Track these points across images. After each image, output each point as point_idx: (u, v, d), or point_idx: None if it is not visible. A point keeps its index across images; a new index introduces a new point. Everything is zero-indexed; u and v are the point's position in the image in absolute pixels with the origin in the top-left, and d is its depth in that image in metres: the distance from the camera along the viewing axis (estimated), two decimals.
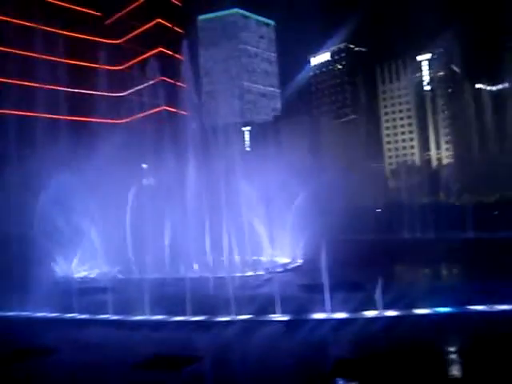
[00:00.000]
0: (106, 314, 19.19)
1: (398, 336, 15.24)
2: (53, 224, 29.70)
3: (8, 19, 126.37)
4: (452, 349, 14.23)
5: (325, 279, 17.81)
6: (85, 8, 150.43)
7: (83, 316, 19.53)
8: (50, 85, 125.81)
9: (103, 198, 32.45)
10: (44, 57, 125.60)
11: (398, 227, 34.70)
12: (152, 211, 31.73)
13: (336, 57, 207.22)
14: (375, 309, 17.32)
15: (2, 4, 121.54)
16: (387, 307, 17.25)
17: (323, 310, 17.46)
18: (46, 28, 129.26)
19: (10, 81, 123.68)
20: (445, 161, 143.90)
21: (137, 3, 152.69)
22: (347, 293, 18.27)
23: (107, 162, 33.86)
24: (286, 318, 17.51)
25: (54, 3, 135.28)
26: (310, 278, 22.42)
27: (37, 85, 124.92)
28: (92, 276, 31.49)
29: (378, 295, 17.44)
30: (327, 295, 17.66)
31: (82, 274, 31.93)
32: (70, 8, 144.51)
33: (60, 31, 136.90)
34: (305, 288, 22.20)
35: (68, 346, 16.05)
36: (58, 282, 24.61)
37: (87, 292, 22.25)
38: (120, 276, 29.26)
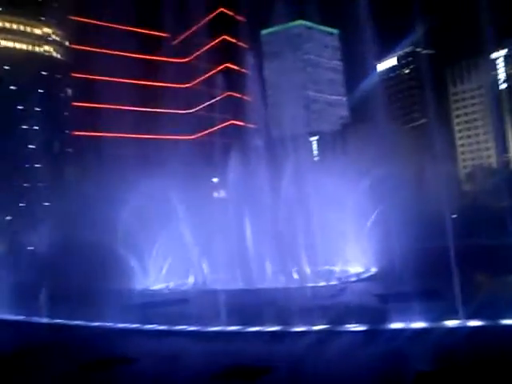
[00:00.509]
0: (183, 325, 19.63)
1: (481, 347, 14.48)
2: (132, 237, 30.87)
3: (84, 48, 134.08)
4: None
5: (401, 288, 17.31)
6: (153, 30, 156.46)
7: (161, 327, 20.08)
8: (124, 106, 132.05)
9: (177, 211, 33.33)
10: (117, 80, 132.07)
11: (475, 233, 33.15)
12: (224, 224, 32.18)
13: (403, 61, 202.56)
14: (456, 318, 16.59)
15: (79, 35, 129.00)
16: (469, 317, 16.48)
17: (401, 320, 16.94)
18: (118, 53, 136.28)
19: (87, 105, 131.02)
20: None
21: (202, 22, 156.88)
22: (425, 302, 17.57)
23: (179, 177, 34.84)
24: (362, 328, 17.14)
25: (124, 29, 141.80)
26: (386, 287, 21.85)
27: (111, 107, 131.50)
28: (170, 288, 32.33)
29: (458, 304, 16.71)
30: (404, 304, 17.13)
31: (160, 286, 32.86)
32: (139, 32, 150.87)
33: (131, 55, 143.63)
34: (380, 297, 21.63)
35: (148, 356, 16.50)
36: (138, 294, 25.51)
37: (165, 303, 22.89)
38: (195, 288, 29.86)
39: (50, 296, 24.71)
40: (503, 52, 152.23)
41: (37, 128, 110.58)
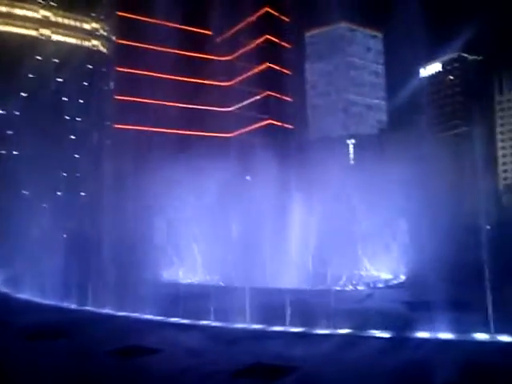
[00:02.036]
0: (208, 320, 19.83)
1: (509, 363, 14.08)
2: (162, 232, 31.35)
3: (129, 42, 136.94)
4: None
5: (429, 297, 17.03)
6: (197, 28, 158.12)
7: (186, 321, 20.34)
8: (164, 101, 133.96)
9: (208, 208, 33.68)
10: (159, 75, 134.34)
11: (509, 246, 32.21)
12: (253, 222, 32.29)
13: (448, 67, 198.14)
14: (486, 332, 16.20)
15: (125, 30, 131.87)
16: (500, 331, 16.06)
17: (427, 329, 16.66)
18: (161, 48, 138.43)
19: (129, 98, 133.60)
20: None
21: (247, 21, 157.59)
22: (454, 313, 17.21)
23: (215, 174, 35.14)
24: (386, 334, 16.94)
25: (168, 25, 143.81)
26: (413, 296, 21.52)
27: (152, 101, 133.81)
28: (196, 282, 32.68)
29: (489, 317, 16.31)
30: (431, 314, 16.84)
31: (187, 280, 33.26)
32: (182, 29, 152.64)
33: (173, 51, 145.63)
34: (407, 305, 21.31)
35: (171, 348, 16.72)
36: (165, 287, 25.88)
37: (191, 298, 23.15)
38: (222, 284, 30.10)
39: (82, 283, 25.43)
40: None
41: (79, 119, 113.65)
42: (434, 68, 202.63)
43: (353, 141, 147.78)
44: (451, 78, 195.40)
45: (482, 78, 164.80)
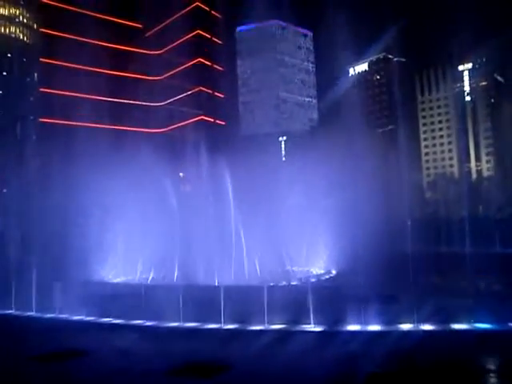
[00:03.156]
0: (140, 319, 19.42)
1: (432, 351, 14.85)
2: (90, 229, 30.34)
3: (54, 32, 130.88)
4: (491, 367, 13.75)
5: (358, 291, 17.61)
6: (126, 20, 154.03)
7: (117, 321, 19.81)
8: (93, 95, 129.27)
9: (141, 205, 32.92)
10: (87, 68, 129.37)
11: (434, 240, 33.91)
12: (186, 220, 31.97)
13: (374, 67, 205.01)
14: (410, 322, 16.97)
15: (49, 19, 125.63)
16: (423, 321, 16.89)
17: (357, 322, 17.20)
18: (88, 40, 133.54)
19: (54, 91, 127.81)
20: (485, 173, 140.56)
21: (177, 15, 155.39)
22: (380, 304, 17.94)
23: (146, 171, 34.40)
24: (318, 328, 17.33)
25: (96, 16, 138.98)
26: (344, 289, 22.12)
27: (80, 95, 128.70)
28: (127, 281, 31.90)
29: (413, 308, 17.08)
30: (361, 307, 17.40)
31: (117, 279, 32.43)
32: (111, 21, 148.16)
33: (102, 43, 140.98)
34: (338, 299, 21.85)
35: (103, 350, 16.28)
36: (94, 286, 25.08)
37: (122, 297, 22.61)
38: (153, 282, 29.61)
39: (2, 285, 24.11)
40: (469, 66, 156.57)
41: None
42: (361, 67, 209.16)
43: (284, 138, 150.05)
44: (377, 77, 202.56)
45: (405, 78, 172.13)
